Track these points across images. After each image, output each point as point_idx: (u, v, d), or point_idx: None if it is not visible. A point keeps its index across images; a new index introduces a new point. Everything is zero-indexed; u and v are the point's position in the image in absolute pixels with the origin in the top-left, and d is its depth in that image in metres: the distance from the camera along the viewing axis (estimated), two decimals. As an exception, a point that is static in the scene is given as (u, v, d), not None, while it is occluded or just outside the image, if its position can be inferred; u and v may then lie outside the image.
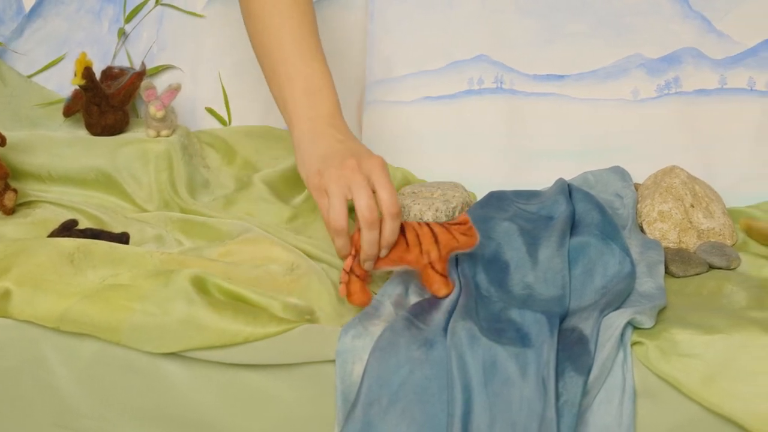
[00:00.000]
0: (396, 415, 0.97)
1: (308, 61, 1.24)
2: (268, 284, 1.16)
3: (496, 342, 0.98)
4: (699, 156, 1.43)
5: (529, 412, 0.95)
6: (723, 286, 1.18)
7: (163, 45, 1.61)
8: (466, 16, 1.47)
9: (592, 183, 1.40)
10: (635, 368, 1.00)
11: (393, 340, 1.00)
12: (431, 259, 1.09)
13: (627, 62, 1.45)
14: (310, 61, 1.25)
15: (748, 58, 1.42)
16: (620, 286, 1.10)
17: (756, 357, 0.97)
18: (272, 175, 1.45)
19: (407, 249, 1.10)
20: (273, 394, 1.08)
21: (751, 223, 1.34)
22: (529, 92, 1.47)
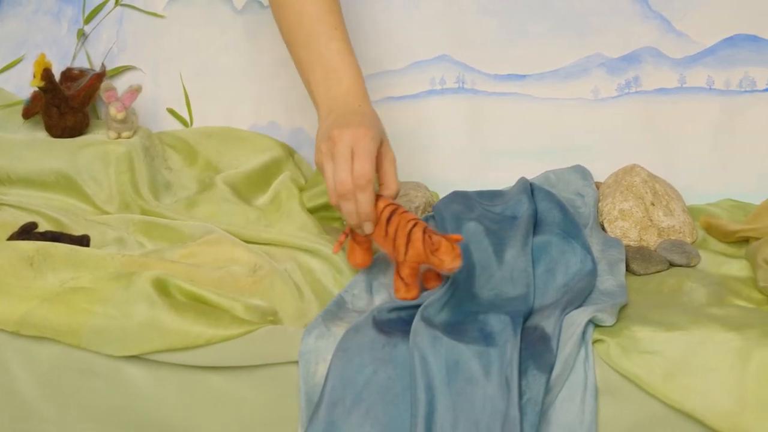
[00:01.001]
0: (360, 415, 0.97)
1: (326, 41, 1.24)
2: (230, 286, 1.15)
3: (459, 341, 0.98)
4: (659, 154, 1.44)
5: (492, 410, 0.95)
6: (683, 283, 1.19)
7: (123, 46, 1.60)
8: (429, 16, 1.47)
9: (554, 182, 1.41)
10: (597, 365, 1.01)
11: (356, 341, 1.00)
12: (399, 260, 1.09)
13: (587, 62, 1.46)
14: (328, 41, 1.24)
15: (707, 58, 1.43)
16: (581, 284, 1.11)
17: (715, 353, 0.98)
18: (235, 177, 1.44)
19: (385, 237, 1.11)
20: (236, 395, 1.08)
21: (711, 221, 1.35)
22: (490, 92, 1.48)
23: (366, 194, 1.10)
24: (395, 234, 1.09)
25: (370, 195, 1.10)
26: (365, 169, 1.10)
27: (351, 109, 1.18)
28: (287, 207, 1.38)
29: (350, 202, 1.10)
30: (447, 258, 1.04)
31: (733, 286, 1.18)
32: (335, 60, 1.22)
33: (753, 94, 1.43)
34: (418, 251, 1.07)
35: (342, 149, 1.11)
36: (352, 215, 1.11)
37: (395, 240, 1.09)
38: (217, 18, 1.55)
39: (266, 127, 1.57)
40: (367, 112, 1.18)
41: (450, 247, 1.05)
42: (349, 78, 1.21)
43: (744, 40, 1.42)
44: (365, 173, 1.10)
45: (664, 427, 0.99)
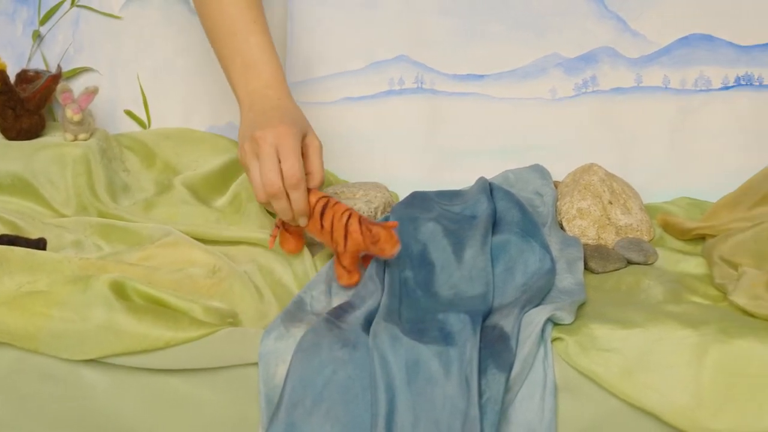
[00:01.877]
0: (320, 415, 0.97)
1: (246, 36, 1.25)
2: (189, 288, 1.15)
3: (419, 341, 0.99)
4: (617, 153, 1.45)
5: (452, 410, 0.95)
6: (640, 281, 1.20)
7: (79, 47, 1.58)
8: (387, 16, 1.47)
9: (513, 181, 1.42)
10: (556, 364, 1.01)
11: (316, 341, 1.00)
12: (338, 251, 1.12)
13: (545, 62, 1.47)
14: (248, 35, 1.25)
15: (663, 57, 1.45)
16: (540, 283, 1.12)
17: (672, 350, 0.99)
18: (193, 178, 1.43)
19: (321, 231, 1.13)
20: (196, 398, 1.07)
21: (668, 219, 1.36)
22: (449, 92, 1.48)
23: (298, 192, 1.12)
24: (332, 227, 1.12)
25: (302, 192, 1.13)
26: (294, 168, 1.12)
27: (271, 105, 1.20)
28: (247, 208, 1.37)
29: (281, 200, 1.13)
30: (387, 246, 1.09)
31: (689, 284, 1.19)
32: (254, 54, 1.24)
33: (708, 93, 1.44)
34: (357, 242, 1.10)
35: (267, 149, 1.12)
36: (285, 212, 1.14)
37: (332, 233, 1.12)
38: (174, 19, 1.54)
39: (225, 128, 1.56)
40: (287, 107, 1.21)
41: (389, 235, 1.09)
42: (269, 71, 1.23)
43: (699, 39, 1.44)
44: (295, 172, 1.12)
45: (623, 423, 1.00)
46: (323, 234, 1.14)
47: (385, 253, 1.09)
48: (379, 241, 1.08)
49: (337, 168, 1.49)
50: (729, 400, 0.96)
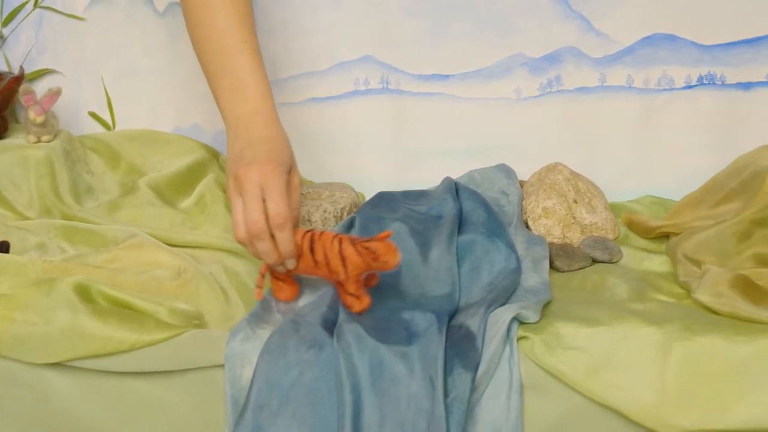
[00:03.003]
0: (286, 417, 0.97)
1: (235, 55, 1.20)
2: (154, 290, 1.14)
3: (383, 342, 0.99)
4: (581, 152, 1.46)
5: (417, 409, 0.95)
6: (605, 279, 1.20)
7: (42, 48, 1.57)
8: (352, 17, 1.47)
9: (479, 181, 1.42)
10: (522, 362, 1.02)
11: (282, 343, 1.00)
12: (340, 280, 1.06)
13: (510, 61, 1.47)
14: (237, 55, 1.20)
15: (626, 57, 1.45)
16: (506, 282, 1.12)
17: (636, 348, 1.00)
18: (158, 180, 1.43)
19: (316, 266, 1.07)
20: (162, 401, 1.07)
21: (632, 217, 1.37)
22: (414, 92, 1.48)
23: (284, 232, 1.07)
24: (326, 259, 1.06)
25: (289, 233, 1.07)
26: (280, 208, 1.07)
27: (258, 135, 1.15)
28: (212, 209, 1.37)
29: (264, 241, 1.07)
30: (390, 258, 1.03)
31: (654, 281, 1.20)
32: (243, 75, 1.19)
33: (671, 92, 1.45)
34: (358, 264, 1.04)
35: (251, 188, 1.08)
36: (269, 254, 1.08)
37: (328, 264, 1.06)
38: (138, 20, 1.53)
39: (190, 129, 1.55)
40: (274, 137, 1.15)
41: (387, 247, 1.03)
42: (256, 95, 1.18)
43: (662, 39, 1.44)
44: (281, 212, 1.06)
45: (588, 421, 1.01)
46: (318, 268, 1.07)
47: (388, 265, 1.03)
48: (379, 256, 1.03)
49: (303, 168, 1.47)
50: (693, 397, 0.97)
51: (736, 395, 0.97)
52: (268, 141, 1.15)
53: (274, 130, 1.16)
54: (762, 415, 0.96)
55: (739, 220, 1.21)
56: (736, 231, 1.21)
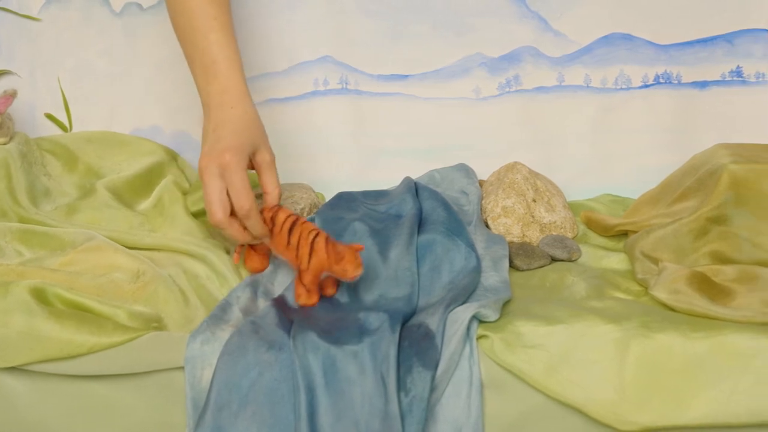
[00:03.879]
0: (246, 418, 0.96)
1: (205, 33, 1.21)
2: (112, 293, 1.13)
3: (336, 343, 0.99)
4: (540, 151, 1.47)
5: (370, 408, 0.95)
6: (564, 277, 1.21)
7: (-3, 50, 1.56)
8: (310, 17, 1.47)
9: (438, 181, 1.43)
10: (481, 361, 1.02)
11: (241, 344, 1.00)
12: (300, 269, 1.09)
13: (469, 61, 1.48)
14: (207, 32, 1.21)
15: (584, 56, 1.46)
16: (466, 281, 1.12)
17: (595, 345, 1.00)
18: (116, 182, 1.41)
19: (287, 247, 1.11)
20: (122, 404, 1.06)
21: (591, 216, 1.38)
22: (374, 92, 1.48)
23: (251, 220, 1.11)
24: (298, 243, 1.09)
25: (255, 220, 1.11)
26: (242, 200, 1.10)
27: (224, 117, 1.17)
28: (171, 211, 1.36)
29: (228, 228, 1.12)
30: (350, 267, 1.06)
31: (612, 279, 1.20)
32: (213, 52, 1.20)
33: (629, 91, 1.46)
34: (321, 260, 1.07)
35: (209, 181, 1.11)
36: (236, 238, 1.13)
37: (298, 249, 1.09)
38: (94, 20, 1.52)
39: (148, 130, 1.54)
40: (239, 117, 1.17)
41: (353, 256, 1.06)
42: (225, 73, 1.20)
43: (619, 38, 1.46)
44: (243, 204, 1.10)
45: (548, 419, 1.01)
46: (288, 250, 1.11)
47: (347, 274, 1.06)
48: (342, 259, 1.06)
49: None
50: (651, 394, 0.98)
51: (693, 391, 0.98)
52: (232, 122, 1.16)
53: (239, 109, 1.18)
54: (719, 410, 0.97)
55: (696, 217, 1.22)
56: (692, 228, 1.22)
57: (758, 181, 1.21)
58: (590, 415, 0.99)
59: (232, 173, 1.11)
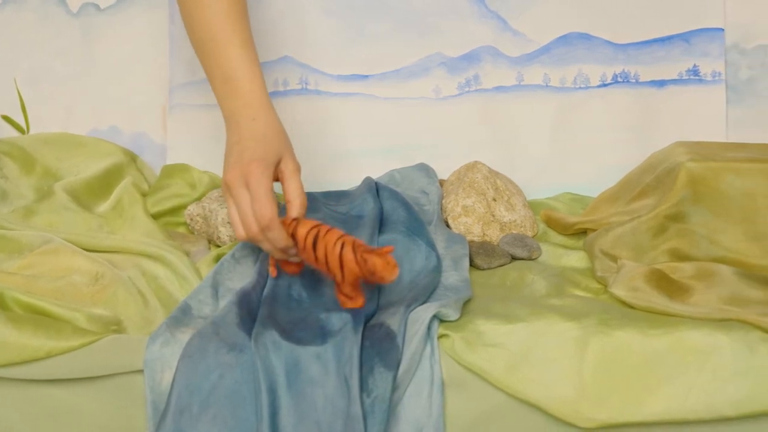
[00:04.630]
0: (207, 421, 0.96)
1: (225, 46, 1.19)
2: (71, 296, 1.13)
3: (298, 344, 0.99)
4: (500, 151, 1.47)
5: (333, 409, 0.95)
6: (525, 276, 1.22)
7: (-49, 51, 1.54)
8: (270, 18, 1.47)
9: (399, 180, 1.43)
10: (443, 360, 1.02)
11: (201, 346, 0.99)
12: (336, 281, 1.06)
13: (428, 61, 1.48)
14: (226, 46, 1.19)
15: (543, 56, 1.47)
16: (426, 281, 1.13)
17: (554, 343, 1.01)
18: (75, 184, 1.40)
19: (316, 262, 1.06)
20: (81, 408, 1.05)
21: (551, 214, 1.39)
22: (334, 92, 1.48)
23: (273, 232, 1.08)
24: (326, 258, 1.05)
25: (278, 231, 1.08)
26: (263, 210, 1.07)
27: (247, 130, 1.14)
28: (130, 213, 1.35)
29: (263, 242, 1.09)
30: (386, 274, 1.01)
31: (572, 277, 1.21)
32: (232, 67, 1.18)
33: (587, 90, 1.48)
34: (354, 272, 1.03)
35: (238, 193, 1.09)
36: (271, 252, 1.10)
37: (328, 263, 1.05)
38: (51, 21, 1.51)
39: (107, 131, 1.53)
40: (261, 131, 1.15)
41: (384, 264, 1.01)
42: (246, 87, 1.17)
43: (577, 38, 1.47)
44: (264, 213, 1.07)
45: (509, 417, 1.02)
46: (318, 264, 1.07)
47: (384, 280, 1.02)
48: (375, 272, 1.01)
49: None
50: (610, 391, 0.99)
51: (651, 388, 0.99)
52: (255, 134, 1.14)
53: (261, 121, 1.16)
54: (677, 406, 0.98)
55: (654, 215, 1.23)
56: (651, 226, 1.23)
57: (715, 179, 1.22)
58: (550, 413, 1.00)
59: (257, 183, 1.08)
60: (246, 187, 1.09)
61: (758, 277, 1.15)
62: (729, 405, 0.98)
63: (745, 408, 0.98)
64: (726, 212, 1.22)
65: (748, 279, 1.14)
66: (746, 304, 1.09)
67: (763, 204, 1.21)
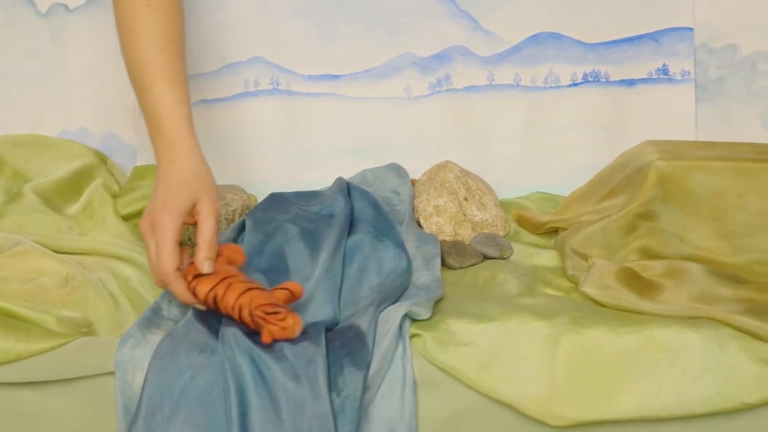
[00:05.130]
0: (179, 422, 0.95)
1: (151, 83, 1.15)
2: (41, 298, 1.12)
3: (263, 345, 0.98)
4: (471, 150, 1.48)
5: (299, 408, 0.95)
6: (496, 275, 1.22)
7: None
8: (240, 18, 1.47)
9: (371, 180, 1.43)
10: (414, 360, 1.02)
11: (172, 348, 0.99)
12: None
13: (399, 61, 1.48)
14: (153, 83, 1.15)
15: (514, 55, 1.48)
16: (396, 282, 1.13)
17: (526, 342, 1.01)
18: (44, 185, 1.39)
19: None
20: (51, 411, 1.05)
21: (522, 213, 1.39)
22: (305, 93, 1.48)
23: (172, 287, 1.06)
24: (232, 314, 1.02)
25: (176, 287, 1.06)
26: (161, 265, 1.05)
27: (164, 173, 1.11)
28: (101, 215, 1.34)
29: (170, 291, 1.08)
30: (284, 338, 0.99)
31: (543, 276, 1.22)
32: (158, 105, 1.15)
33: (558, 89, 1.48)
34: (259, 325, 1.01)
35: (148, 243, 1.07)
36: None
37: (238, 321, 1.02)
38: (19, 21, 1.50)
39: (76, 133, 1.52)
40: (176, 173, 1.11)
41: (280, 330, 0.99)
42: (169, 126, 1.14)
43: (547, 37, 1.47)
44: (161, 269, 1.05)
45: (481, 416, 1.02)
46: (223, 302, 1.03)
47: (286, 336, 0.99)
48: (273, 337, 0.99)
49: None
50: (581, 389, 0.99)
51: (622, 385, 0.99)
52: (168, 181, 1.11)
53: (178, 164, 1.12)
54: (648, 403, 0.99)
55: (624, 213, 1.24)
56: (621, 225, 1.24)
57: (684, 178, 1.23)
58: (522, 411, 1.00)
59: (159, 234, 1.06)
60: (153, 237, 1.07)
61: (727, 275, 1.16)
62: (699, 402, 0.99)
63: (714, 404, 0.99)
64: (695, 210, 1.23)
65: (717, 277, 1.15)
66: (716, 301, 1.10)
67: (732, 202, 1.22)
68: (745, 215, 1.22)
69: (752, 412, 1.00)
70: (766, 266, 1.20)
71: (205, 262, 1.05)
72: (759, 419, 1.01)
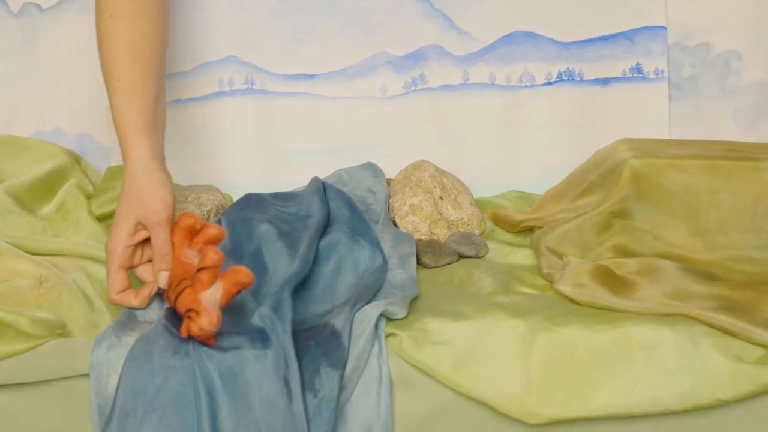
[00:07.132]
0: (152, 424, 0.95)
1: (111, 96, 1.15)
2: (14, 300, 1.11)
3: (234, 347, 0.98)
4: (446, 149, 1.48)
5: (271, 409, 0.95)
6: (472, 273, 1.22)
7: None
8: (214, 17, 1.46)
9: (346, 180, 1.43)
10: (390, 359, 1.02)
11: (146, 349, 0.98)
12: None
13: (374, 60, 1.48)
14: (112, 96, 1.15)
15: (488, 54, 1.48)
16: (371, 280, 1.13)
17: (501, 340, 1.02)
18: (17, 186, 1.38)
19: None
20: (25, 413, 1.04)
21: (498, 212, 1.40)
22: (280, 92, 1.48)
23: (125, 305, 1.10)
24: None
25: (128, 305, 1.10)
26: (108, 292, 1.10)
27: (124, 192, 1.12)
28: (75, 215, 1.34)
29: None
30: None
31: (518, 274, 1.22)
32: (115, 119, 1.14)
33: (532, 88, 1.49)
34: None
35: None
36: None
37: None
38: (-8, 22, 1.49)
39: (50, 133, 1.51)
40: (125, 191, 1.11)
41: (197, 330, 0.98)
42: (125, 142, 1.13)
43: (522, 36, 1.48)
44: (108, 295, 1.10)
45: (457, 414, 1.02)
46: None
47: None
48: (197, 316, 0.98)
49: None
50: (556, 387, 1.00)
51: (597, 383, 1.00)
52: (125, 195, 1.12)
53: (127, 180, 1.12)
54: (623, 400, 1.00)
55: (599, 212, 1.25)
56: (596, 223, 1.25)
57: (658, 176, 1.24)
58: (498, 409, 1.00)
59: (107, 260, 1.10)
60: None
61: (701, 272, 1.17)
62: (674, 398, 1.00)
63: (689, 401, 1.00)
64: (669, 208, 1.23)
65: (691, 274, 1.16)
66: (689, 298, 1.10)
67: (705, 200, 1.23)
68: (719, 213, 1.23)
69: (726, 408, 1.01)
70: (738, 263, 1.21)
71: (159, 274, 1.09)
72: (732, 415, 1.02)
